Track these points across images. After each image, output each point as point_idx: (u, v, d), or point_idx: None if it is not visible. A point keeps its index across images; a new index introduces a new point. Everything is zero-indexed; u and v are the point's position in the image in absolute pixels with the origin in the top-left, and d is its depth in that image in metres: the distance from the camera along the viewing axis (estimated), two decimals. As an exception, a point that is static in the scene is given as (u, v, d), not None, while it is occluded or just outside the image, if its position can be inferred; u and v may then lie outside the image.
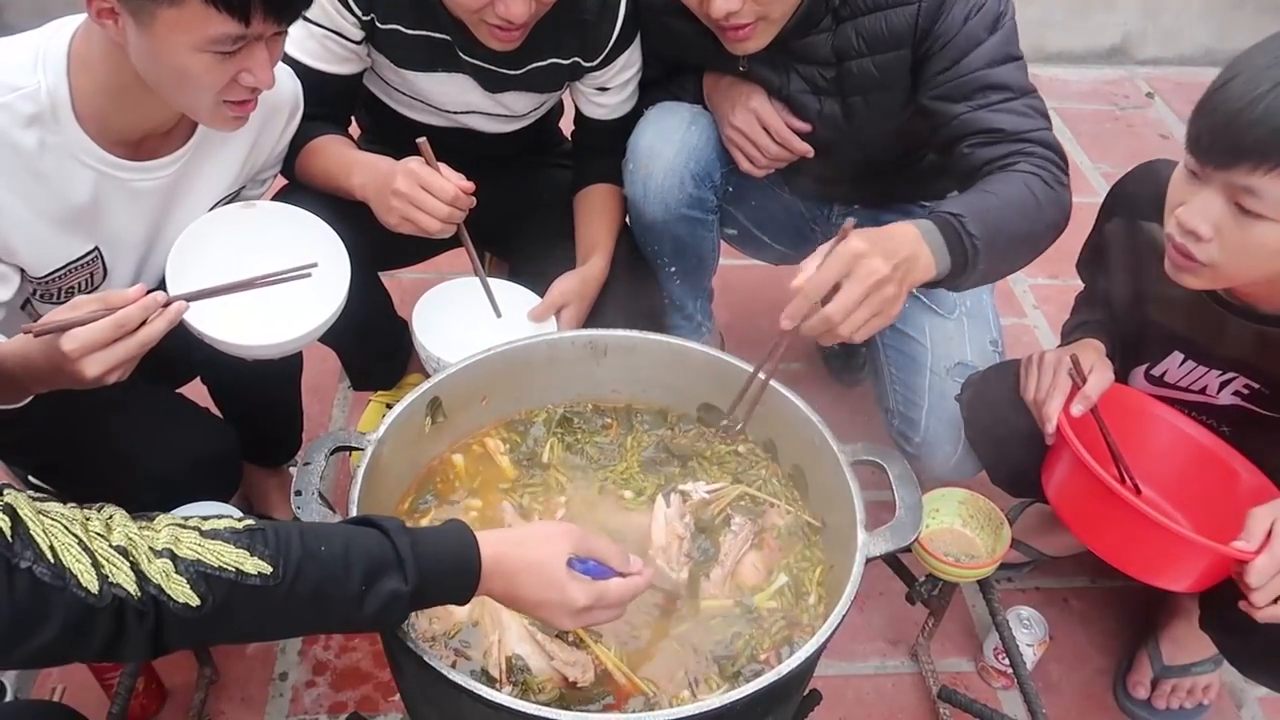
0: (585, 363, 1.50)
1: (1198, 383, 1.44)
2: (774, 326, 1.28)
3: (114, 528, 0.91)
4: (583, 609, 1.07)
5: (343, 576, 0.97)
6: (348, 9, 1.55)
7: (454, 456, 1.46)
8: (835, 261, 1.22)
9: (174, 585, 0.90)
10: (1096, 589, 1.93)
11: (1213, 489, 1.46)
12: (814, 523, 1.39)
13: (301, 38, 1.59)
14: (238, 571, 0.92)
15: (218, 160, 1.48)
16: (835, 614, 1.13)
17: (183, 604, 0.90)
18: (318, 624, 1.03)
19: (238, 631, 0.98)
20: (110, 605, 0.87)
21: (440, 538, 1.04)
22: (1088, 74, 3.62)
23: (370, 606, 0.98)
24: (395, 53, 1.64)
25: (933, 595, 1.60)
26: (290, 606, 0.94)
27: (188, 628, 0.92)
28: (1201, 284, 1.26)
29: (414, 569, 0.99)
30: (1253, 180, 1.11)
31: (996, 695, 1.75)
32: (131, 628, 0.89)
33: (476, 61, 1.64)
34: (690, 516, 1.38)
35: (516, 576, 1.05)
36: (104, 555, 0.88)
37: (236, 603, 0.92)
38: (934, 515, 1.55)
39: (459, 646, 1.23)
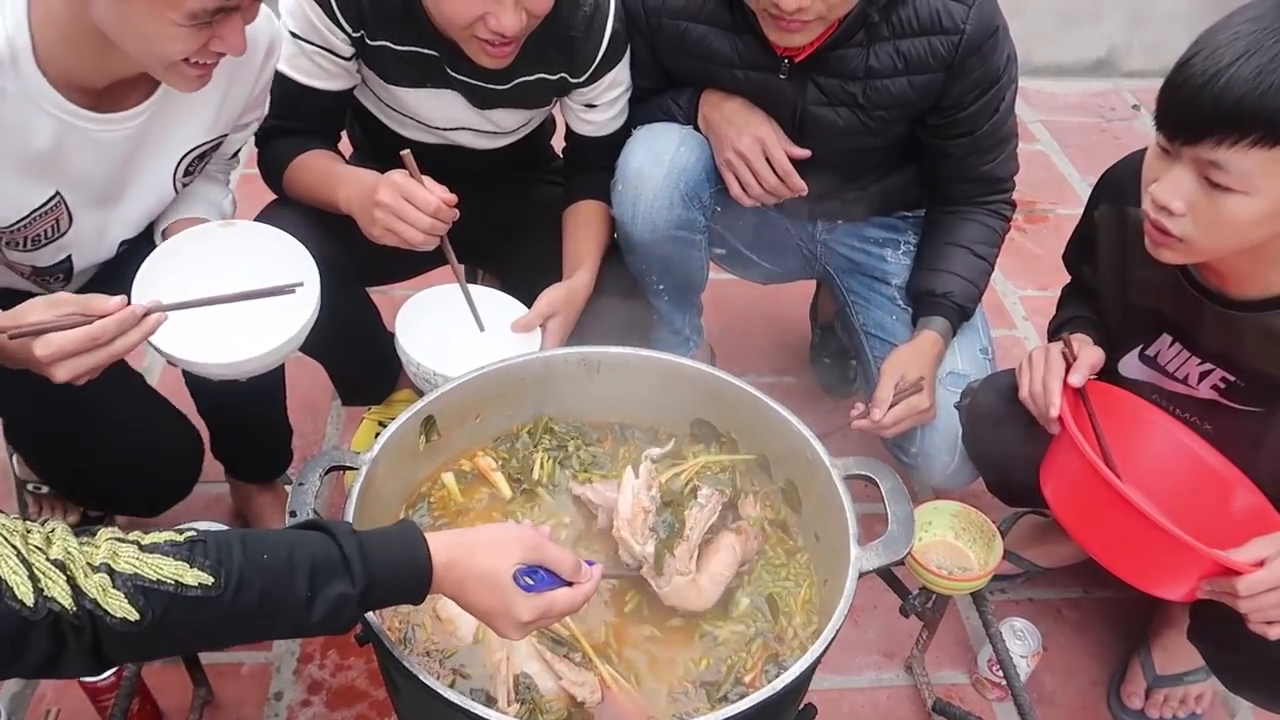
0: (578, 379, 1.51)
1: (1182, 369, 1.45)
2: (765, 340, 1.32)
3: (53, 541, 0.89)
4: (528, 622, 1.07)
5: (288, 582, 0.96)
6: (338, 26, 1.56)
7: (445, 476, 1.46)
8: (904, 411, 1.65)
9: (111, 600, 0.88)
10: (1090, 599, 1.94)
11: (1204, 502, 1.46)
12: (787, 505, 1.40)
13: (292, 54, 1.60)
14: (177, 584, 0.91)
15: (188, 110, 1.43)
16: (829, 629, 1.13)
17: (120, 619, 0.88)
18: (265, 631, 1.00)
19: (182, 642, 0.97)
20: (45, 620, 0.85)
21: (388, 539, 1.04)
22: (1074, 86, 3.65)
23: (318, 611, 0.97)
24: (384, 69, 1.65)
25: (926, 608, 1.60)
26: (234, 616, 0.93)
27: (128, 641, 0.90)
28: (1178, 259, 1.26)
29: (362, 571, 0.98)
30: (1219, 154, 1.13)
31: (991, 707, 1.75)
32: (69, 643, 0.87)
33: (464, 78, 1.65)
34: (658, 490, 1.36)
35: (464, 584, 1.05)
36: (41, 569, 0.87)
37: (176, 615, 0.91)
38: (926, 528, 1.55)
39: (458, 666, 1.23)
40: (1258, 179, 1.13)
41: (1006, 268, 2.77)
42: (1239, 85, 1.09)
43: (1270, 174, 1.12)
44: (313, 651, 1.76)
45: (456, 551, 1.05)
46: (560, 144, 1.96)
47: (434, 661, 1.24)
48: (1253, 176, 1.13)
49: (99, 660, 0.91)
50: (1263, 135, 1.10)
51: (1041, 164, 3.17)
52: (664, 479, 1.40)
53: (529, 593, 1.07)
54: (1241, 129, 1.10)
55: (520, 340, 1.66)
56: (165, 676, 1.66)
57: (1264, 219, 1.17)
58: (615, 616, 1.32)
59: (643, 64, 1.76)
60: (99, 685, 1.50)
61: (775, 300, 2.51)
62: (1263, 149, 1.10)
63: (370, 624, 1.11)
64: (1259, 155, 1.11)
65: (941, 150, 1.75)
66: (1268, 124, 1.09)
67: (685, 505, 1.34)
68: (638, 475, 1.36)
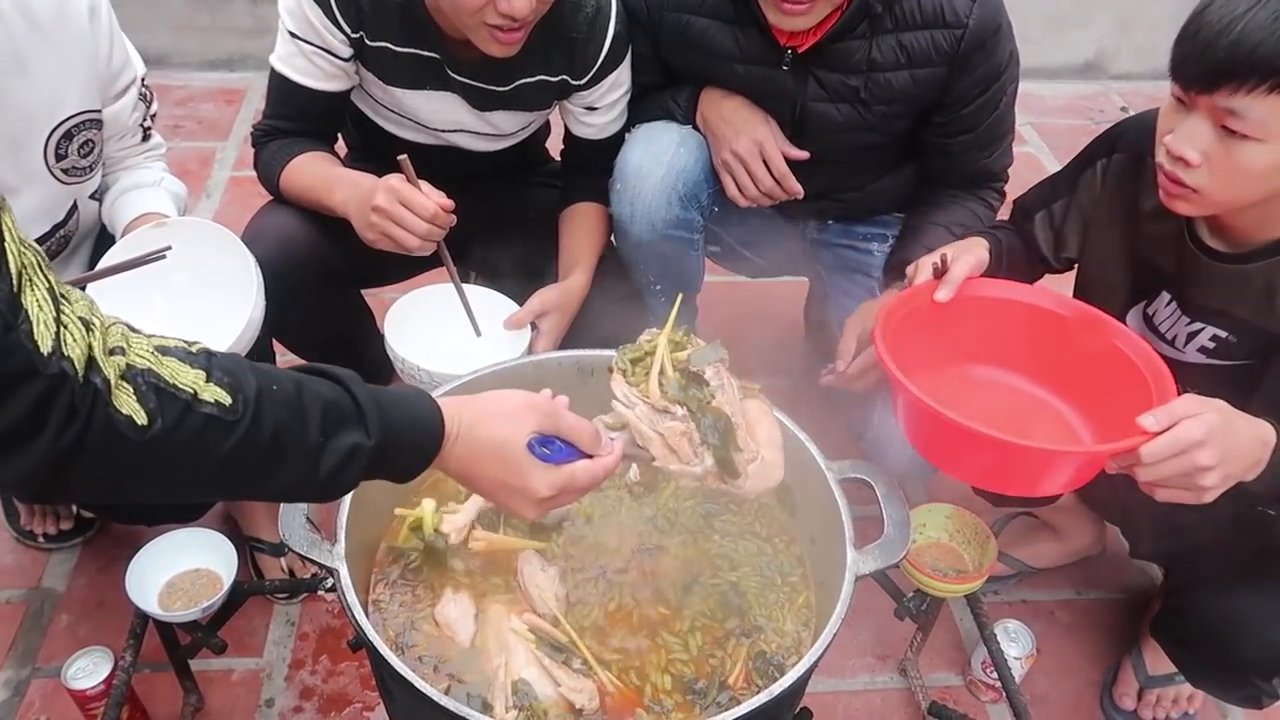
0: (573, 384, 1.50)
1: (1172, 330, 1.45)
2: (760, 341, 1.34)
3: (75, 297, 0.73)
4: (545, 499, 0.98)
5: (300, 420, 0.82)
6: (337, 26, 1.56)
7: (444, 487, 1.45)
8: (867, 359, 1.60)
9: (120, 393, 0.72)
10: (1083, 600, 1.94)
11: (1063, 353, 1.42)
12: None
13: (290, 54, 1.59)
14: (194, 395, 0.76)
15: (27, 89, 1.37)
16: (826, 632, 1.13)
17: (125, 416, 0.72)
18: (264, 477, 0.83)
19: (174, 473, 0.78)
20: (50, 378, 0.68)
21: (400, 396, 0.92)
22: (1063, 89, 3.67)
23: (327, 462, 0.84)
24: (384, 70, 1.64)
25: (921, 610, 1.60)
26: (242, 448, 0.79)
27: (117, 454, 0.73)
28: (1192, 210, 1.27)
29: (378, 423, 0.87)
30: (1235, 101, 1.13)
31: (985, 709, 1.75)
32: (51, 421, 0.69)
33: (465, 79, 1.64)
34: (662, 398, 1.18)
35: (473, 455, 0.95)
36: (69, 319, 0.70)
37: (186, 433, 0.75)
38: (921, 530, 1.56)
39: (454, 671, 1.22)
40: (1274, 125, 1.13)
41: (997, 270, 2.77)
42: (1255, 31, 1.10)
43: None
44: (304, 658, 1.74)
45: (465, 418, 0.94)
46: (555, 147, 1.96)
47: (428, 667, 1.23)
48: (1269, 123, 1.13)
49: (58, 471, 0.71)
50: (1278, 80, 1.10)
51: (1030, 166, 3.18)
52: (647, 387, 1.20)
53: (546, 464, 0.97)
54: (1259, 74, 1.11)
55: (512, 338, 1.65)
56: (155, 684, 1.65)
57: (1278, 167, 1.17)
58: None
59: (643, 58, 1.76)
60: (88, 693, 1.48)
61: (769, 301, 2.51)
62: (1279, 94, 1.11)
63: (365, 631, 1.10)
64: (1276, 101, 1.12)
65: (942, 148, 1.76)
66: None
67: (704, 397, 1.19)
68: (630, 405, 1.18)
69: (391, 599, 1.30)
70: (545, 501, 0.98)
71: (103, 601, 1.79)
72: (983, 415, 1.21)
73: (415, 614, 1.28)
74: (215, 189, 2.84)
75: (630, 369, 1.21)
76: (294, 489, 0.86)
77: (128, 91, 1.55)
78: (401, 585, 1.32)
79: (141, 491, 0.79)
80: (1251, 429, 1.17)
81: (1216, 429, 1.12)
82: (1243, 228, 1.31)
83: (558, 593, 1.30)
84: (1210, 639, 1.42)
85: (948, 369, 1.43)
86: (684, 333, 1.25)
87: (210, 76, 3.36)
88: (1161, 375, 1.28)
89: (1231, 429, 1.15)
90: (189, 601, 1.44)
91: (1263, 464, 1.17)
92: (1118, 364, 1.34)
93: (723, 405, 1.19)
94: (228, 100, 3.27)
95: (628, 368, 1.21)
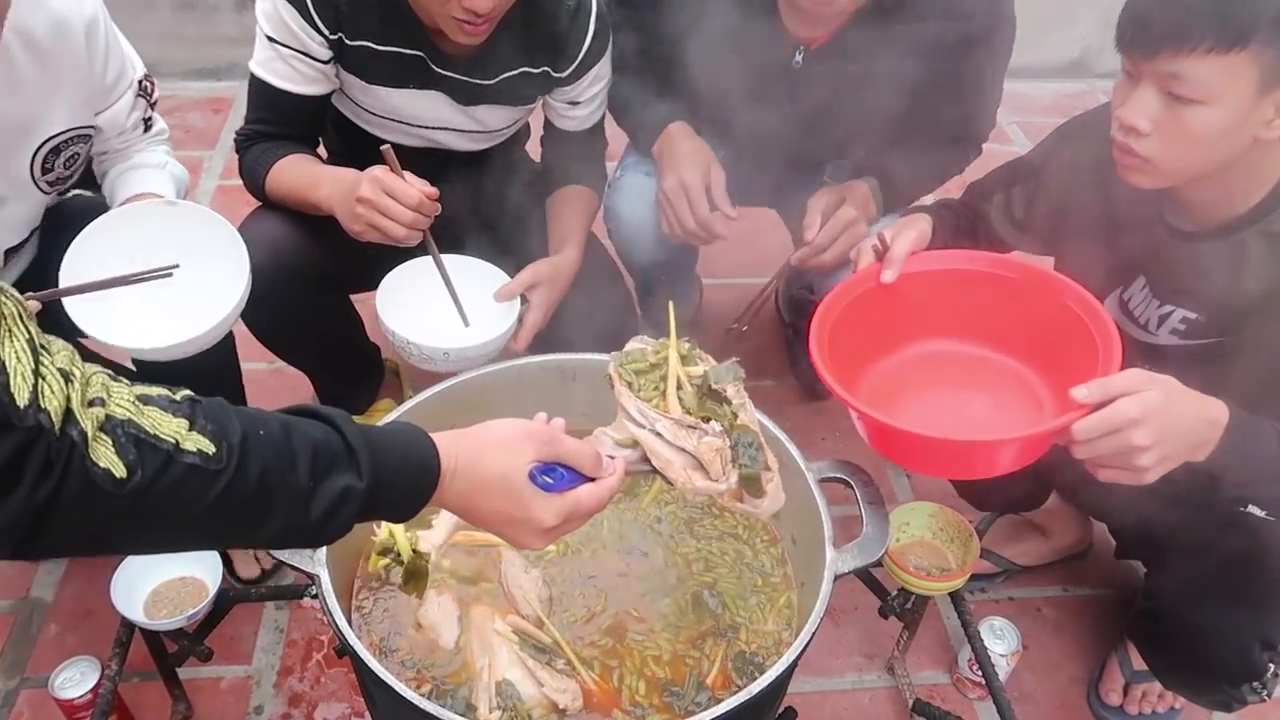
0: (554, 388, 1.50)
1: (1144, 314, 1.46)
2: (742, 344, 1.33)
3: (56, 349, 0.72)
4: (552, 528, 0.96)
5: (288, 465, 0.80)
6: (315, 29, 1.55)
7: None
8: (836, 226, 1.68)
9: (98, 445, 0.71)
10: (1069, 597, 1.95)
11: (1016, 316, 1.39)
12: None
13: (268, 59, 1.59)
14: (175, 445, 0.74)
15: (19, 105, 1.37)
16: (805, 631, 1.14)
17: (104, 469, 0.70)
18: (252, 526, 0.81)
19: (156, 525, 0.76)
20: (27, 431, 0.67)
21: (391, 434, 0.90)
22: (1048, 88, 3.68)
23: (318, 507, 0.82)
24: (365, 70, 1.64)
25: (906, 609, 1.61)
26: (228, 497, 0.77)
27: (96, 508, 0.71)
28: (1147, 182, 1.28)
29: (369, 463, 0.84)
30: (1176, 65, 1.15)
31: (972, 706, 1.76)
32: (27, 476, 0.68)
33: (449, 74, 1.65)
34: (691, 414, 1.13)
35: (473, 491, 0.92)
36: (46, 370, 0.69)
37: (167, 483, 0.73)
38: (904, 529, 1.56)
39: (438, 675, 1.23)
40: (1216, 87, 1.15)
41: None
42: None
43: (1227, 81, 1.15)
44: (293, 664, 1.75)
45: (462, 452, 0.91)
46: (534, 150, 1.98)
47: (412, 671, 1.23)
48: (1211, 85, 1.15)
49: (35, 528, 0.70)
50: (1215, 42, 1.12)
51: (1017, 165, 3.20)
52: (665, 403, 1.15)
53: (549, 493, 0.95)
54: (1195, 37, 1.13)
55: (502, 310, 1.67)
56: (144, 693, 1.65)
57: (1226, 130, 1.19)
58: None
59: (638, 52, 1.78)
60: (75, 703, 1.48)
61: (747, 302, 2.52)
62: (1218, 55, 1.13)
63: (346, 636, 1.11)
64: (1215, 62, 1.13)
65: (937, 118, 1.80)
66: (1218, 30, 1.12)
67: (725, 414, 1.15)
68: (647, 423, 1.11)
69: (375, 604, 1.31)
70: (551, 531, 0.96)
71: (90, 611, 1.79)
72: (947, 392, 1.20)
73: (399, 618, 1.29)
74: (203, 197, 2.84)
75: (636, 381, 1.15)
76: (284, 535, 0.83)
77: (123, 96, 1.56)
78: (385, 590, 1.32)
79: (125, 545, 0.78)
80: (1198, 408, 1.14)
81: (1154, 407, 1.10)
82: (1202, 204, 1.32)
83: (540, 594, 1.31)
84: (1182, 646, 1.43)
85: (906, 348, 1.42)
86: (689, 346, 1.21)
87: (197, 86, 3.37)
88: (1108, 335, 1.25)
89: (1173, 408, 1.12)
90: (174, 610, 1.44)
91: (1210, 444, 1.15)
92: (1069, 323, 1.30)
93: (748, 423, 1.17)
94: (215, 109, 3.27)
95: (633, 380, 1.15)
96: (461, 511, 0.94)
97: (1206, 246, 1.33)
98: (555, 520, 0.95)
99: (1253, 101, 1.16)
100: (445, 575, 1.34)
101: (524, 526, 0.95)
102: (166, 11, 3.28)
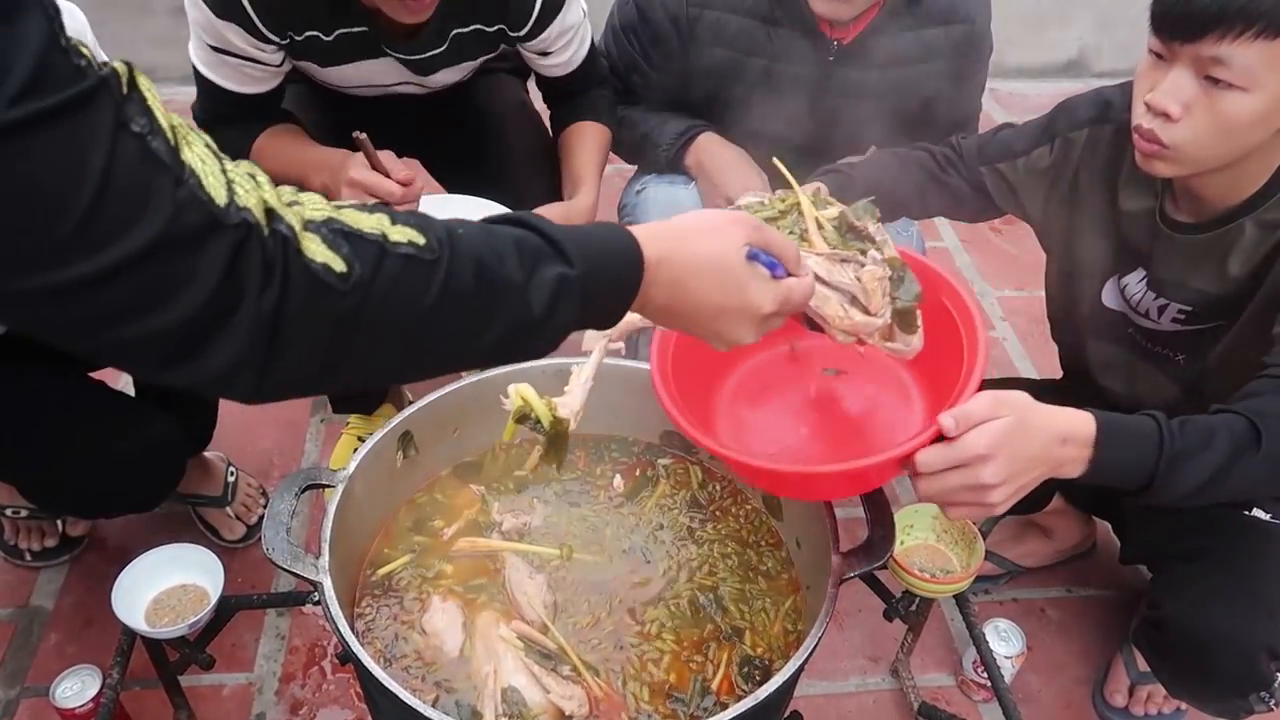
0: (554, 391, 1.49)
1: (1143, 303, 1.45)
2: None
3: (233, 159, 0.66)
4: (768, 315, 0.89)
5: (497, 262, 0.74)
6: (263, 40, 1.52)
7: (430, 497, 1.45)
8: None
9: (308, 241, 0.65)
10: (1073, 598, 1.95)
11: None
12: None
13: (214, 63, 1.55)
14: (383, 237, 0.68)
15: None
16: (811, 636, 1.13)
17: (321, 264, 0.64)
18: (479, 328, 0.74)
19: (387, 332, 0.69)
20: (236, 229, 0.60)
21: (588, 228, 0.83)
22: (1046, 87, 3.68)
23: (538, 300, 0.75)
24: (317, 55, 1.61)
25: (910, 611, 1.60)
26: (450, 293, 0.70)
27: (326, 309, 0.65)
28: (1169, 170, 1.26)
29: (575, 251, 0.78)
30: (1220, 49, 1.13)
31: (977, 708, 1.75)
32: (251, 281, 0.61)
33: (399, 54, 1.62)
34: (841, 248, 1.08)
35: (686, 278, 0.85)
36: (233, 171, 0.63)
37: (388, 276, 0.67)
38: (908, 531, 1.55)
39: (442, 680, 1.22)
40: (1259, 73, 1.13)
41: (983, 269, 2.78)
42: None
43: (1270, 67, 1.13)
44: (295, 671, 1.74)
45: (665, 239, 0.84)
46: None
47: (416, 678, 1.23)
48: (1254, 70, 1.13)
49: (275, 347, 0.63)
50: (1266, 25, 1.10)
51: (1016, 165, 3.20)
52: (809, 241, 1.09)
53: (767, 277, 0.89)
54: (1245, 20, 1.10)
55: None
56: (146, 701, 1.64)
57: (1260, 118, 1.17)
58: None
59: (667, 53, 1.79)
60: (76, 712, 1.48)
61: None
62: (1265, 40, 1.11)
63: (349, 643, 1.10)
64: (1261, 47, 1.11)
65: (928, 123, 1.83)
66: (1270, 14, 1.10)
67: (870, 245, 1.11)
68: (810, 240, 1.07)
69: (378, 611, 1.30)
70: (766, 320, 0.90)
71: (91, 619, 1.78)
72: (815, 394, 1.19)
73: (403, 624, 1.28)
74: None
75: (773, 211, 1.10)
76: (514, 336, 0.76)
77: None
78: (388, 596, 1.32)
79: (363, 359, 0.69)
80: (1049, 424, 1.07)
81: (1004, 438, 1.02)
82: (1210, 194, 1.31)
83: (545, 599, 1.30)
84: (1188, 656, 1.41)
85: (779, 343, 1.35)
86: (813, 192, 1.16)
87: (193, 91, 3.35)
88: (975, 340, 1.16)
89: (1026, 431, 1.04)
90: (176, 618, 1.43)
91: (1078, 460, 1.08)
92: (944, 322, 1.21)
93: (896, 257, 1.12)
94: (213, 114, 3.27)
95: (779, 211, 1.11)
96: (668, 304, 0.86)
97: (1202, 238, 1.33)
98: (772, 306, 0.89)
99: None
100: (449, 581, 1.33)
101: (738, 315, 0.88)
102: (163, 17, 3.27)
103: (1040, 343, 1.79)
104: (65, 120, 0.52)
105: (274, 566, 1.82)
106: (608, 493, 1.47)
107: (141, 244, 0.56)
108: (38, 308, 0.55)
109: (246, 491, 1.96)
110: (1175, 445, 1.09)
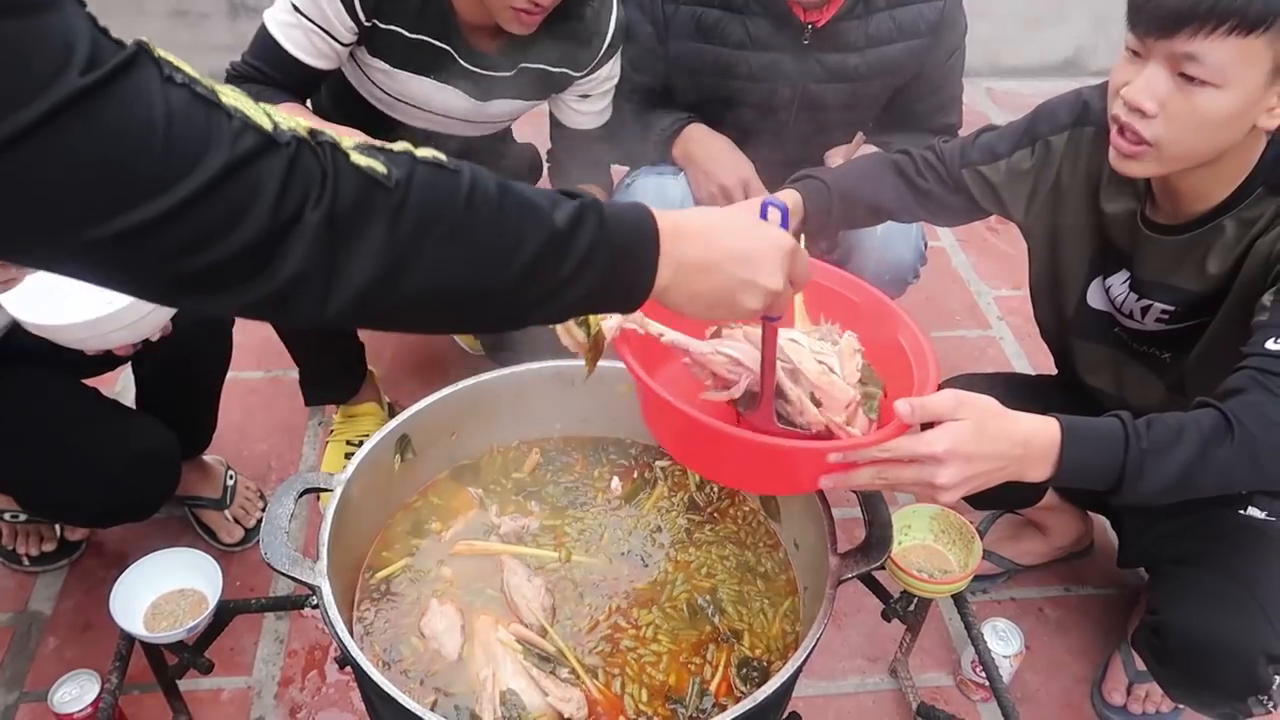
0: (554, 395, 1.50)
1: (1126, 304, 1.45)
2: None
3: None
4: (793, 248, 0.94)
5: (515, 185, 0.80)
6: (351, 15, 1.57)
7: (427, 500, 1.46)
8: None
9: (348, 151, 0.71)
10: (1071, 597, 1.95)
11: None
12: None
13: (288, 24, 1.59)
14: (410, 154, 0.74)
15: None
16: (809, 638, 1.13)
17: (366, 167, 0.70)
18: (515, 241, 0.77)
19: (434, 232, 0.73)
20: (287, 145, 0.67)
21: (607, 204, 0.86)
22: (1042, 86, 3.68)
23: (561, 216, 0.79)
24: (392, 54, 1.66)
25: (909, 611, 1.60)
26: (477, 202, 0.75)
27: (379, 209, 0.70)
28: (1146, 170, 1.26)
29: (592, 200, 0.83)
30: (1194, 45, 1.13)
31: (976, 708, 1.76)
32: (310, 191, 0.67)
33: (473, 68, 1.68)
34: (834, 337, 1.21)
35: (709, 233, 0.89)
36: (265, 105, 0.69)
37: (423, 180, 0.73)
38: (906, 532, 1.56)
39: (441, 684, 1.22)
40: (1231, 70, 1.14)
41: (980, 268, 2.78)
42: None
43: (1243, 64, 1.14)
44: (293, 675, 1.74)
45: (674, 214, 0.90)
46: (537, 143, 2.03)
47: (415, 681, 1.23)
48: (1226, 68, 1.14)
49: (339, 257, 0.69)
50: (1238, 22, 1.11)
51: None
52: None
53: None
54: (1218, 17, 1.11)
55: None
56: (144, 705, 1.64)
57: (1234, 115, 1.18)
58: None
59: (647, 53, 1.83)
60: (75, 717, 1.48)
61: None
62: (1237, 37, 1.12)
63: (348, 647, 1.10)
64: (1234, 44, 1.12)
65: (911, 110, 1.89)
66: (1241, 11, 1.11)
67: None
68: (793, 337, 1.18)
69: (377, 614, 1.30)
70: (791, 254, 0.93)
71: (90, 624, 1.78)
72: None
73: (401, 628, 1.28)
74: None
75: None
76: (545, 254, 0.79)
77: None
78: (387, 600, 1.32)
79: (416, 263, 0.73)
80: (1009, 430, 1.07)
81: (962, 441, 1.03)
82: (1187, 194, 1.31)
83: (544, 602, 1.30)
84: (1186, 661, 1.41)
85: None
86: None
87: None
88: (926, 381, 1.17)
89: (984, 437, 1.05)
90: (174, 622, 1.43)
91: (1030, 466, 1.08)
92: (897, 360, 1.23)
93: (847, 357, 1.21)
94: (209, 117, 3.27)
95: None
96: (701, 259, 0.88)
97: (1182, 239, 1.34)
98: (793, 242, 0.94)
99: (1262, 88, 1.16)
100: (447, 584, 1.34)
101: (766, 255, 0.91)
102: (159, 19, 3.27)
103: (1038, 342, 1.79)
104: (124, 80, 0.61)
105: (272, 570, 1.84)
106: (606, 495, 1.47)
107: (212, 172, 0.63)
108: (134, 247, 0.63)
109: (245, 495, 1.96)
110: (1142, 444, 1.10)
